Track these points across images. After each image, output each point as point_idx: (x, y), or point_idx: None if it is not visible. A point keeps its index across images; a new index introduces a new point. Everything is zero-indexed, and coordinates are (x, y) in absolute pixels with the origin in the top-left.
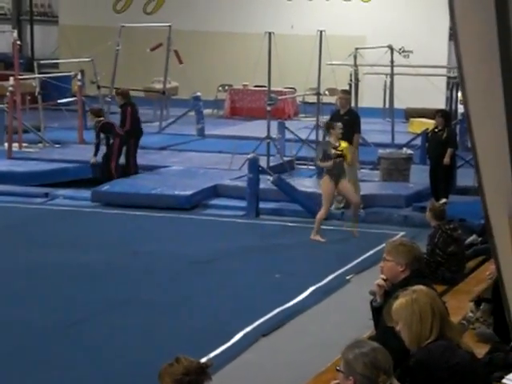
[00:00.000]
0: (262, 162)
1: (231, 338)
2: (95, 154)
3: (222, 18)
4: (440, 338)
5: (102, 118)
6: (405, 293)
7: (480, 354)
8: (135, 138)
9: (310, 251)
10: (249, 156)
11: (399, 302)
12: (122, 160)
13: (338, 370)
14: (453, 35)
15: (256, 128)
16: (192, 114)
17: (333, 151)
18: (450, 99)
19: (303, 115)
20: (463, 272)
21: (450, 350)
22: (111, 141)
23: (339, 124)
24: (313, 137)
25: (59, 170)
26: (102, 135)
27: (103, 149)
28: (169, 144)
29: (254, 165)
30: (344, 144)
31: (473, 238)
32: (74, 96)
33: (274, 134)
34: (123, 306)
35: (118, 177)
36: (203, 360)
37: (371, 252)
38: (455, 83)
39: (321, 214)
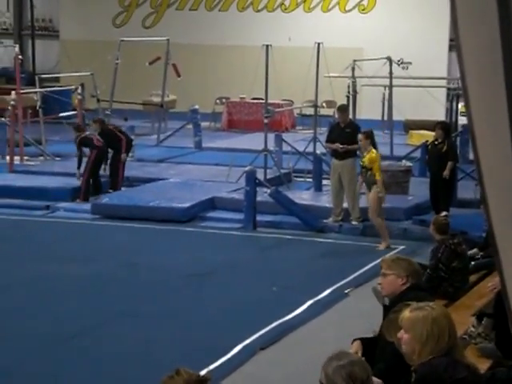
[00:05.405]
0: (260, 175)
1: (229, 351)
2: (78, 167)
3: (219, 31)
4: (445, 355)
5: (80, 133)
6: (420, 305)
7: (482, 369)
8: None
9: (307, 264)
10: (246, 169)
11: (415, 314)
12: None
13: (320, 382)
14: (456, 47)
15: (253, 140)
16: (190, 126)
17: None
18: (450, 111)
19: (300, 127)
20: (466, 287)
21: (453, 365)
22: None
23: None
24: (310, 149)
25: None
26: (83, 148)
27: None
28: (166, 156)
29: (250, 177)
30: (369, 155)
31: (474, 251)
32: (75, 110)
33: (272, 146)
34: (121, 319)
35: (95, 193)
36: (202, 373)
37: (370, 265)
38: (455, 95)
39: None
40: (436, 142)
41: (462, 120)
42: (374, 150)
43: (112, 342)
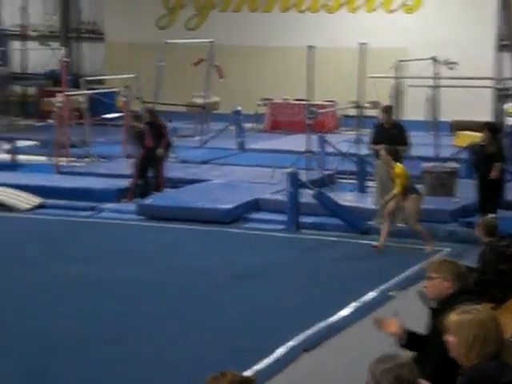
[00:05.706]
0: (303, 176)
1: (272, 352)
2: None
3: (262, 32)
4: (493, 359)
5: (138, 123)
6: (466, 308)
7: None
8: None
9: (351, 266)
10: (288, 170)
11: (461, 317)
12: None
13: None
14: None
15: (296, 142)
16: (232, 128)
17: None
18: (497, 111)
19: (344, 129)
20: None
21: (501, 368)
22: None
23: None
24: (353, 150)
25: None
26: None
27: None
28: (210, 158)
29: (293, 179)
30: (393, 170)
31: None
32: (119, 111)
33: (315, 147)
34: (165, 319)
35: (140, 193)
36: (246, 374)
37: (415, 267)
38: (503, 95)
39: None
40: (483, 144)
41: (510, 121)
42: (398, 165)
43: (155, 342)
